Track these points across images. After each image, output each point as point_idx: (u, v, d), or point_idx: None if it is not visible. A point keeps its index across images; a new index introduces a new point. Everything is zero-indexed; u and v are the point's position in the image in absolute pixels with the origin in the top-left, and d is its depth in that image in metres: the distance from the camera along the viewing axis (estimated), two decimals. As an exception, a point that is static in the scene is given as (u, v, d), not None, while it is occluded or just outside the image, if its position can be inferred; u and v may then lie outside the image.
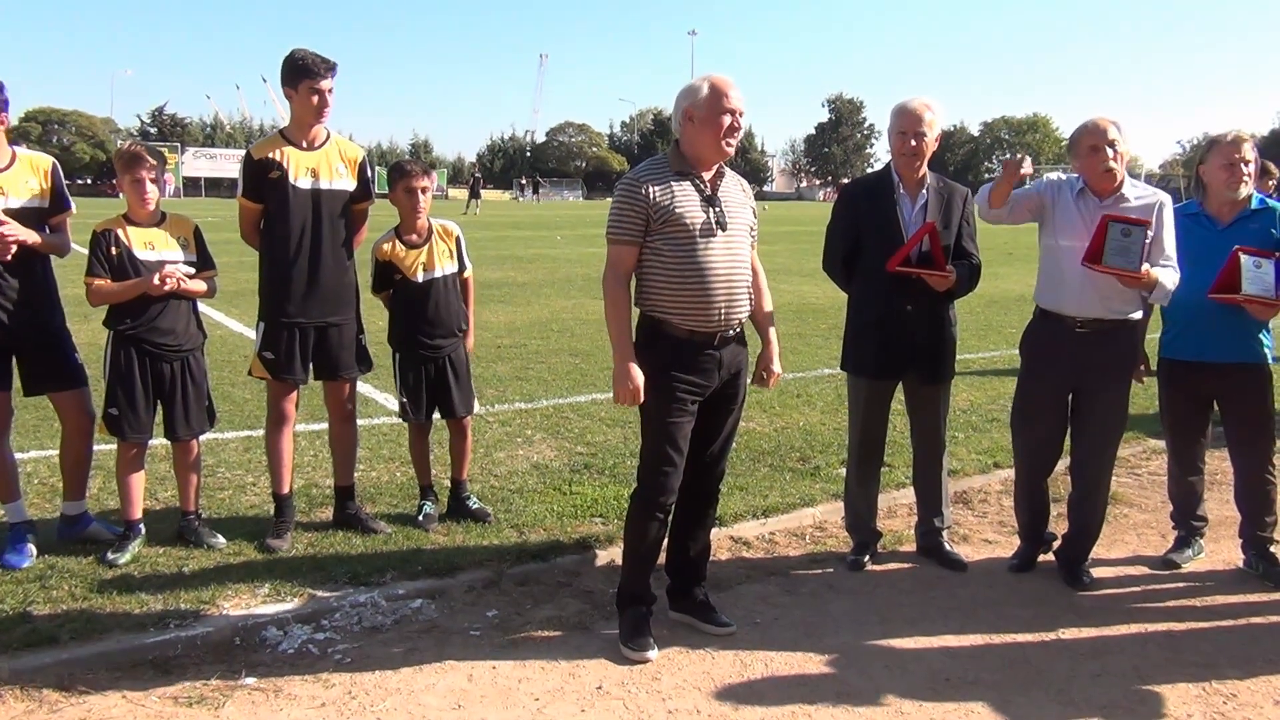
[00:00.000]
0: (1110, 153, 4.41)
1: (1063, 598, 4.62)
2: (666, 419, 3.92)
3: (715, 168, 3.98)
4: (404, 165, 5.20)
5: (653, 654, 3.96)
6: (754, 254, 4.14)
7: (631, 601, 4.12)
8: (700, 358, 3.92)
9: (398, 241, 5.19)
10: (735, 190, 4.05)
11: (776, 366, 4.22)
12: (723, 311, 3.90)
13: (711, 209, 3.90)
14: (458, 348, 5.34)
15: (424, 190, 5.15)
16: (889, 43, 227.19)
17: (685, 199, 3.87)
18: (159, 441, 5.02)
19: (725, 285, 3.89)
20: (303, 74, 4.69)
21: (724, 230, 3.90)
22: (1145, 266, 4.26)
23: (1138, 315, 4.56)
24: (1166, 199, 4.56)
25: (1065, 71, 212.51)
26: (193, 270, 4.75)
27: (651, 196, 3.84)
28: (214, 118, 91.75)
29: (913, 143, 4.61)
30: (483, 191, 51.61)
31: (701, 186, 3.91)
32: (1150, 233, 4.28)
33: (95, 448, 4.96)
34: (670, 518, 4.12)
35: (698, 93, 3.88)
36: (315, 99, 4.71)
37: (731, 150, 3.93)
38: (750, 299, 4.05)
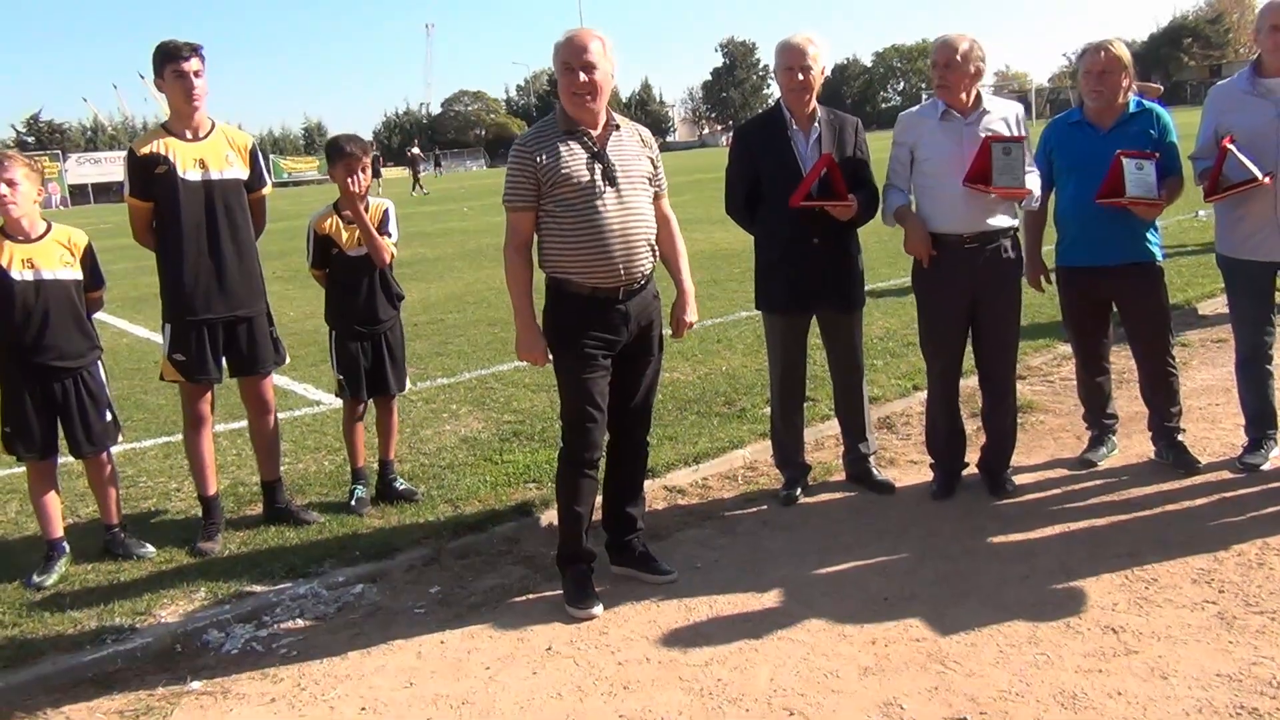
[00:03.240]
0: (960, 73, 4.51)
1: (988, 507, 4.77)
2: (581, 376, 3.96)
3: (604, 122, 3.96)
4: (341, 143, 5.09)
5: (597, 609, 4.01)
6: (663, 204, 4.17)
7: (571, 561, 4.16)
8: (607, 314, 3.95)
9: (336, 217, 5.11)
10: (631, 143, 4.04)
11: (689, 315, 4.27)
12: (622, 266, 3.92)
13: (599, 165, 3.90)
14: (395, 325, 5.29)
15: (364, 168, 5.05)
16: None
17: (571, 158, 3.87)
18: (73, 459, 4.88)
19: (621, 239, 3.90)
20: (166, 59, 4.58)
21: (613, 185, 3.90)
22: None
23: (1014, 223, 4.72)
24: (1019, 108, 4.74)
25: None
26: None
27: (539, 160, 3.86)
28: (93, 120, 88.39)
29: (800, 76, 4.64)
30: (384, 170, 48.03)
31: (589, 144, 3.91)
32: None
33: (6, 472, 4.81)
34: (600, 474, 4.15)
35: (555, 50, 3.88)
36: (182, 82, 4.59)
37: (586, 105, 3.87)
38: (653, 250, 4.07)
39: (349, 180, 4.97)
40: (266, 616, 4.15)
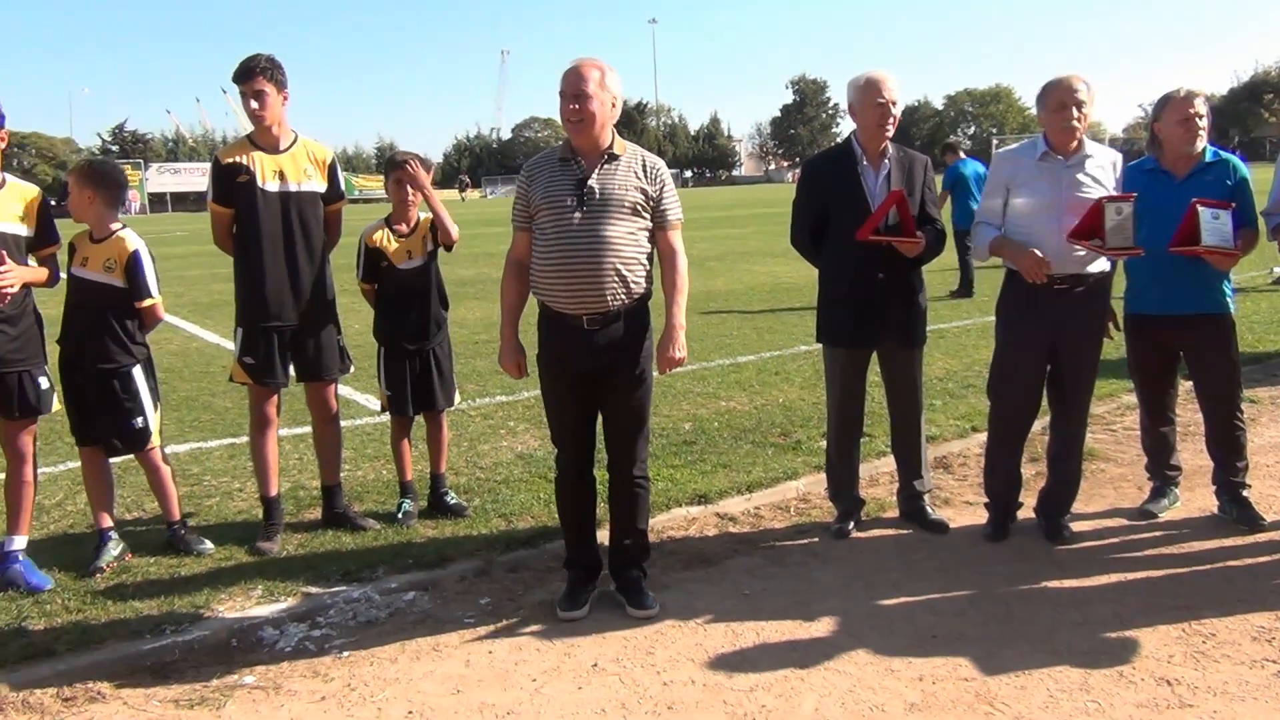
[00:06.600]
0: (1075, 112, 4.50)
1: (1043, 552, 4.71)
2: (549, 394, 4.20)
3: (602, 151, 4.00)
4: (394, 156, 5.32)
5: (578, 614, 4.17)
6: (669, 236, 4.11)
7: (568, 565, 4.35)
8: (574, 337, 4.03)
9: (387, 230, 5.25)
10: (625, 173, 4.02)
11: (674, 351, 4.07)
12: (582, 293, 3.95)
13: (578, 192, 3.95)
14: (443, 342, 5.39)
15: (409, 178, 5.18)
16: (849, 21, 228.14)
17: (554, 185, 4.00)
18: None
19: (583, 267, 3.92)
20: (236, 80, 4.77)
21: (586, 212, 3.93)
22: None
23: (1106, 268, 4.66)
24: (1119, 156, 4.71)
25: (1025, 40, 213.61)
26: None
27: (530, 183, 4.07)
28: (175, 132, 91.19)
29: (894, 109, 4.71)
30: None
31: (577, 170, 4.00)
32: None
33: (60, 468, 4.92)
34: (587, 488, 4.32)
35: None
36: (247, 100, 4.76)
37: (577, 132, 3.97)
38: (626, 282, 3.98)
39: (399, 188, 5.17)
40: (320, 617, 4.23)
